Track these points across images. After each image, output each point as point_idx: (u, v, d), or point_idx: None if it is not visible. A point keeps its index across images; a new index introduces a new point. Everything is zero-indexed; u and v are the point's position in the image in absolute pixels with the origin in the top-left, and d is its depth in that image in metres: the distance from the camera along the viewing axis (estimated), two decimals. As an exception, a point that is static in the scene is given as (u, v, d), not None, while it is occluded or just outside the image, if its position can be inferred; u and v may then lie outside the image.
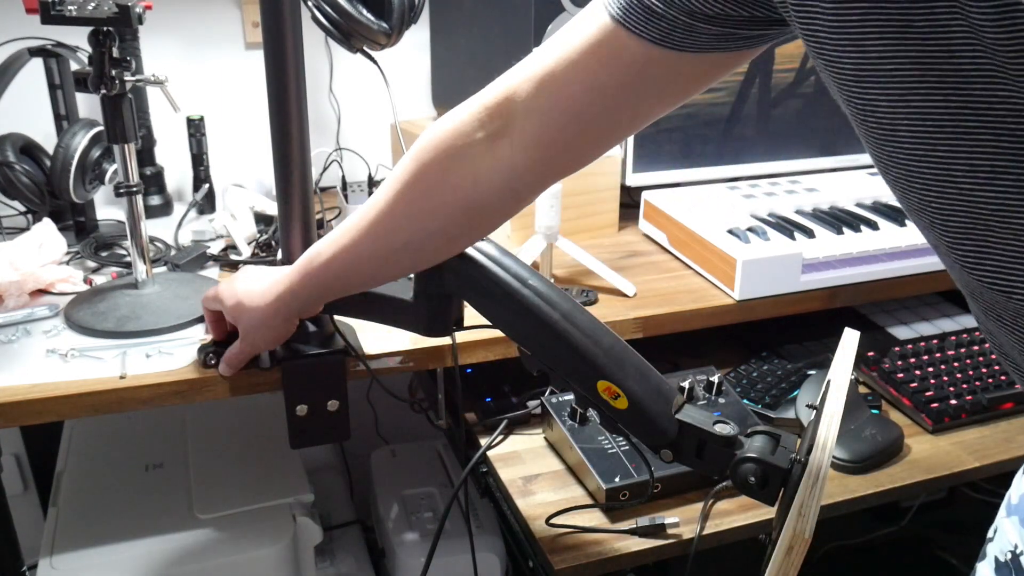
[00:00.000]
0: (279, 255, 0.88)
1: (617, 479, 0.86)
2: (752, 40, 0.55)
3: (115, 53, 0.88)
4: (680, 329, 1.04)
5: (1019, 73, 0.38)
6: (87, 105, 1.27)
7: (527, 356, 0.70)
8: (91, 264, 1.11)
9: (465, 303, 0.76)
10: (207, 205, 1.31)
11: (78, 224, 1.18)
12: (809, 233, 1.13)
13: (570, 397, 0.93)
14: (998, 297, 0.46)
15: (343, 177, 1.28)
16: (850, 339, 0.69)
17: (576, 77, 0.58)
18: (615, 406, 0.66)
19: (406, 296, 0.77)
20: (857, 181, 1.34)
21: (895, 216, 1.20)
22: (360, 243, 0.70)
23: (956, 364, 1.06)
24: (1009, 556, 0.63)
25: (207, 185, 1.30)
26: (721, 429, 0.64)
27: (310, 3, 0.95)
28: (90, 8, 0.83)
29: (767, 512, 0.70)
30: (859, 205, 1.26)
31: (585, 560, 0.81)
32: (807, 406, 0.98)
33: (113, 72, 0.88)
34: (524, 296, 0.67)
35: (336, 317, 0.89)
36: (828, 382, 0.67)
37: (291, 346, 0.87)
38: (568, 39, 0.58)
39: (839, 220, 1.17)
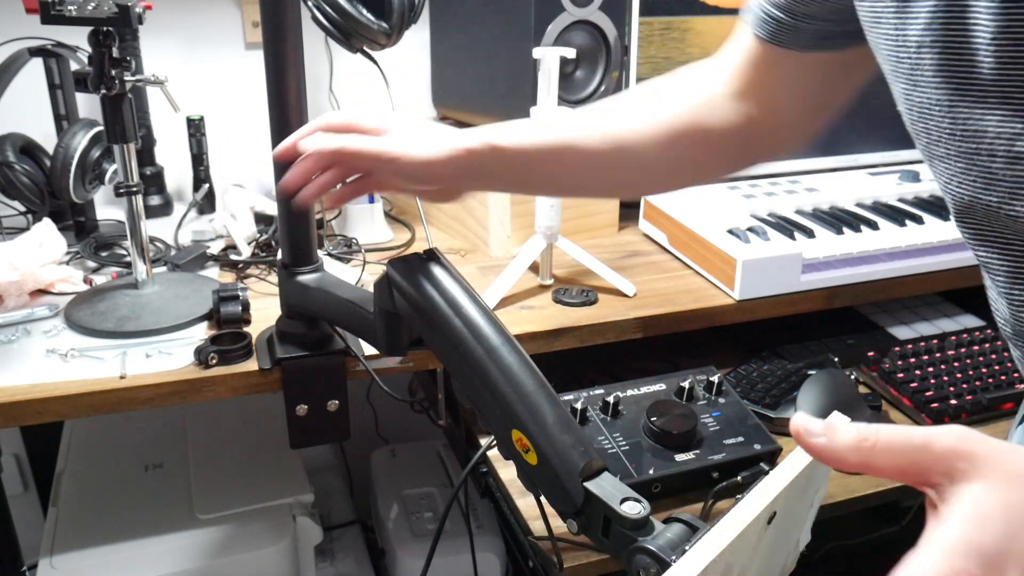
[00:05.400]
0: (279, 255, 0.88)
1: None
2: (847, 39, 0.63)
3: (115, 53, 0.88)
4: (680, 329, 1.04)
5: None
6: (87, 105, 1.27)
7: (457, 388, 0.66)
8: (91, 264, 1.11)
9: None
10: (207, 205, 1.31)
11: (78, 224, 1.18)
12: (809, 233, 1.13)
13: (570, 397, 0.93)
14: None
15: (343, 177, 1.28)
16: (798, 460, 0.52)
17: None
18: (527, 460, 0.60)
19: (370, 309, 0.75)
20: (857, 181, 1.34)
21: (895, 216, 1.20)
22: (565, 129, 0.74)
23: (956, 364, 1.06)
24: None
25: (207, 185, 1.30)
26: (629, 509, 0.57)
27: (310, 3, 0.94)
28: (90, 8, 0.83)
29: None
30: (859, 205, 1.26)
31: (585, 560, 0.81)
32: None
33: (113, 72, 0.88)
34: (453, 325, 0.63)
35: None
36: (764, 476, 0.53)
37: (290, 346, 0.87)
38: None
39: (839, 220, 1.17)
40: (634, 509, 0.57)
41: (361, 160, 0.70)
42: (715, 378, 0.97)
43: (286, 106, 0.80)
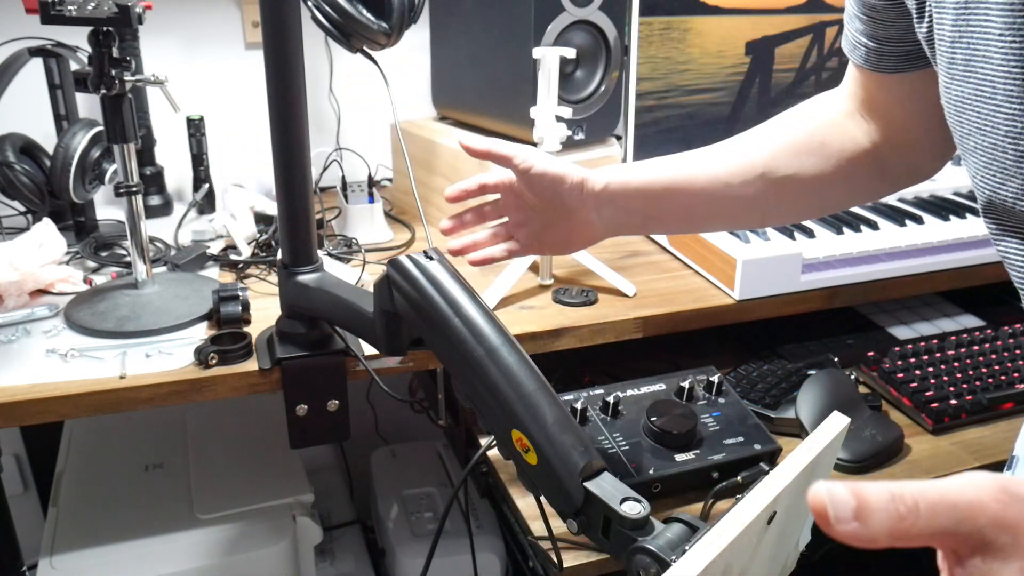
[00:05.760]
0: (279, 255, 0.88)
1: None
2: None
3: (115, 53, 0.88)
4: (680, 329, 1.04)
5: None
6: (87, 105, 1.28)
7: (457, 388, 0.67)
8: (91, 264, 1.11)
9: None
10: (207, 205, 1.31)
11: (78, 224, 1.18)
12: (809, 233, 1.13)
13: (570, 397, 0.93)
14: None
15: (343, 177, 1.28)
16: (836, 423, 0.55)
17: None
18: (526, 460, 0.60)
19: (370, 309, 0.76)
20: (857, 181, 1.34)
21: (895, 216, 1.20)
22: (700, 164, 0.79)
23: (956, 364, 1.06)
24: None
25: (207, 185, 1.30)
26: (629, 509, 0.57)
27: (310, 3, 0.95)
28: (90, 8, 0.83)
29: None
30: (859, 205, 1.26)
31: (585, 560, 0.81)
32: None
33: (113, 72, 0.88)
34: (453, 324, 0.63)
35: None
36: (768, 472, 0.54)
37: (290, 346, 0.87)
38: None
39: (839, 220, 1.17)
40: (634, 509, 0.57)
41: (504, 161, 0.79)
42: (715, 378, 0.96)
43: (286, 106, 0.80)
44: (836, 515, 0.32)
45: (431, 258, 0.68)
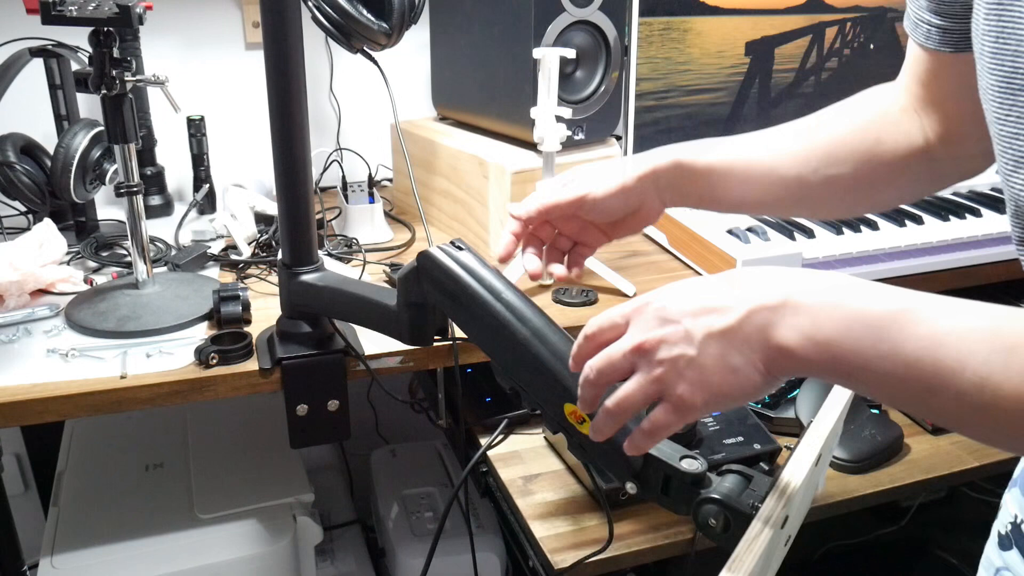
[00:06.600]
0: (279, 255, 0.88)
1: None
2: None
3: (115, 53, 0.88)
4: (680, 329, 1.04)
5: None
6: (87, 105, 1.28)
7: (499, 371, 0.68)
8: (91, 264, 1.11)
9: None
10: (207, 205, 1.31)
11: (78, 224, 1.19)
12: (809, 233, 1.13)
13: (570, 397, 0.93)
14: None
15: (343, 177, 1.29)
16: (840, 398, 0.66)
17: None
18: (581, 431, 0.63)
19: (391, 303, 0.76)
20: (857, 181, 1.34)
21: (895, 216, 1.20)
22: (753, 161, 0.77)
23: (956, 364, 1.06)
24: (1010, 527, 0.64)
25: (207, 185, 1.30)
26: (688, 465, 0.61)
27: (310, 3, 0.95)
28: (90, 8, 0.83)
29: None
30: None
31: (585, 560, 0.81)
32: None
33: (113, 72, 0.88)
34: (495, 310, 0.65)
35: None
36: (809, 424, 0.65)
37: (291, 346, 0.87)
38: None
39: (839, 220, 1.17)
40: (693, 465, 0.61)
41: (556, 211, 0.75)
42: (715, 378, 0.96)
43: (286, 106, 0.80)
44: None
45: (461, 248, 0.69)
